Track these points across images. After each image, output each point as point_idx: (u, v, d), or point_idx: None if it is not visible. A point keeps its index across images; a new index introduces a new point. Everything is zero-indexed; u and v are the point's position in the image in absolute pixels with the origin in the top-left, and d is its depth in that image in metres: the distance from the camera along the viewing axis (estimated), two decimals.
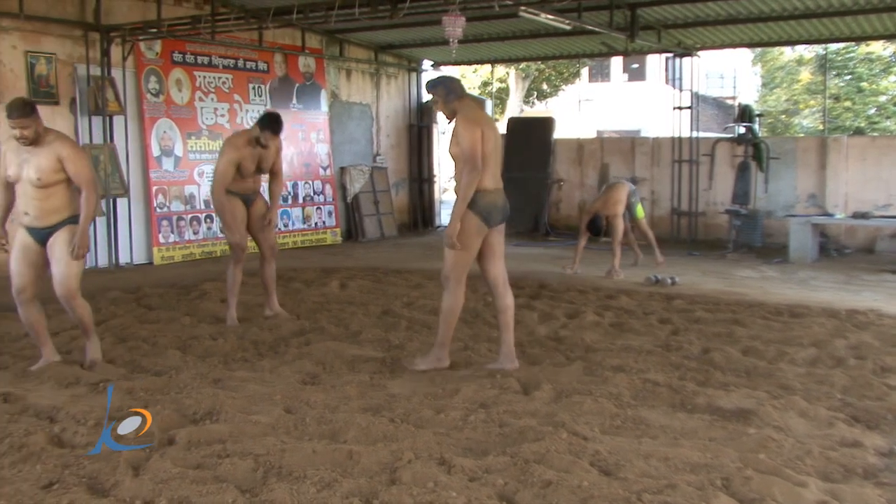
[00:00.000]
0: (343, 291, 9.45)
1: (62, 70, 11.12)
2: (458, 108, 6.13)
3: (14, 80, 10.60)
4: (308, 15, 9.67)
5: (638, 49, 14.39)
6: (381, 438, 4.51)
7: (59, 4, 11.07)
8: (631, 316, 8.10)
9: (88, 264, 11.24)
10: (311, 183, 14.39)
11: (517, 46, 15.78)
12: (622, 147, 15.83)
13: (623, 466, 4.10)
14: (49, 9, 10.93)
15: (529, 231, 15.69)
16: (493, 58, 18.33)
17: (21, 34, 10.67)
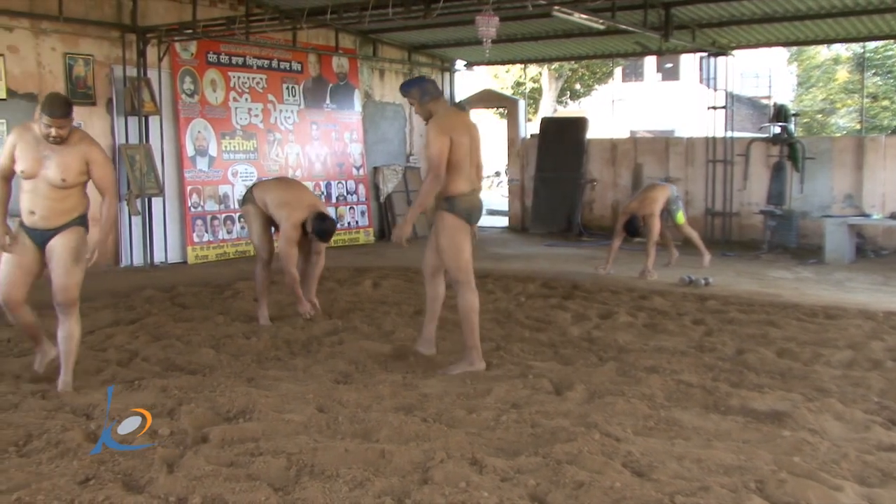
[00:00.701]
0: (376, 291, 9.48)
1: (99, 71, 11.25)
2: (433, 110, 6.21)
3: (53, 81, 10.74)
4: (342, 15, 9.70)
5: (672, 48, 14.30)
6: (414, 438, 4.52)
7: (97, 7, 11.20)
8: (664, 317, 8.06)
9: (123, 263, 11.38)
10: (343, 183, 14.44)
11: (550, 46, 15.74)
12: (656, 147, 15.73)
13: (656, 468, 4.08)
14: (87, 11, 11.06)
15: (562, 231, 15.64)
16: (526, 58, 18.29)
17: (60, 36, 10.81)
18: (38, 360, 6.03)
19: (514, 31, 13.79)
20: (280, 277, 8.47)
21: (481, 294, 9.05)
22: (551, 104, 27.95)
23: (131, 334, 7.27)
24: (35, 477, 3.97)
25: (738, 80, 28.28)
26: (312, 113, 13.98)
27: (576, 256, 12.68)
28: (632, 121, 33.40)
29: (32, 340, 6.04)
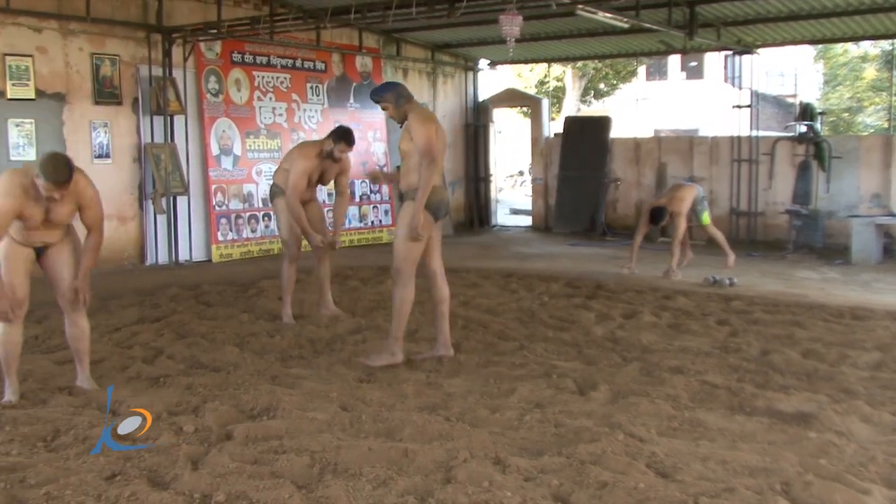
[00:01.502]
0: None
1: (125, 71, 11.33)
2: (408, 110, 6.37)
3: (80, 81, 10.83)
4: (365, 15, 9.72)
5: (697, 47, 14.23)
6: (437, 437, 4.52)
7: (124, 7, 11.28)
8: (689, 317, 8.02)
9: (149, 261, 11.47)
10: (367, 181, 14.46)
11: (574, 45, 15.70)
12: (680, 146, 15.64)
13: (680, 469, 4.06)
14: (114, 12, 11.15)
15: (586, 231, 15.60)
16: (550, 56, 18.25)
17: (87, 37, 10.90)
18: (9, 391, 5.43)
19: (537, 29, 13.76)
20: (304, 277, 8.52)
21: (504, 293, 9.11)
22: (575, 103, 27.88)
23: (156, 332, 7.32)
24: (63, 472, 4.01)
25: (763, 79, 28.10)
26: (336, 112, 14.00)
27: (599, 256, 12.64)
28: (656, 120, 33.27)
29: (7, 369, 5.42)
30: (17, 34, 10.22)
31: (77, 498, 3.72)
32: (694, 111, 33.39)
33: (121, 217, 11.37)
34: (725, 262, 10.83)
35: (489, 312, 8.16)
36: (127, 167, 11.42)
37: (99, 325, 7.65)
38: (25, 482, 3.92)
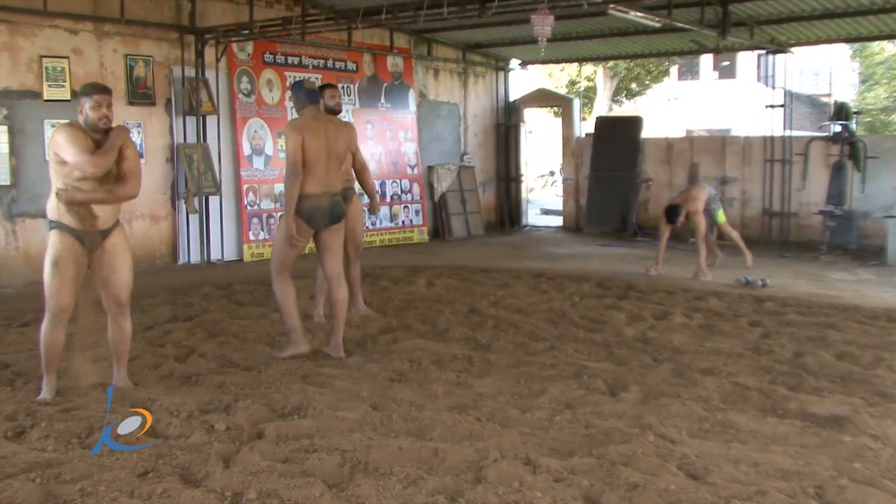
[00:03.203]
0: (430, 290, 9.50)
1: (159, 72, 11.42)
2: (300, 114, 6.56)
3: (115, 81, 10.92)
4: (397, 15, 9.73)
5: (729, 46, 14.12)
6: (467, 437, 4.53)
7: (157, 9, 11.37)
8: (720, 318, 7.96)
9: (181, 260, 11.56)
10: (398, 181, 14.50)
11: (605, 45, 15.64)
12: (712, 146, 15.53)
13: (711, 471, 4.04)
14: (147, 13, 11.25)
15: (617, 231, 15.54)
16: (581, 56, 18.18)
17: (121, 38, 11.00)
18: (46, 389, 5.49)
19: (568, 29, 13.72)
20: None
21: (535, 294, 9.10)
22: (606, 103, 27.78)
23: (188, 331, 7.38)
24: (97, 468, 4.06)
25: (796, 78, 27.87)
26: (367, 112, 14.05)
27: (630, 256, 12.58)
28: (688, 120, 33.05)
29: (48, 367, 5.50)
30: (54, 36, 10.34)
31: (110, 494, 3.76)
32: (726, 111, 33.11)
33: (154, 216, 11.47)
34: (743, 262, 10.77)
35: (520, 313, 8.15)
36: (160, 167, 11.51)
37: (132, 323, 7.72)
38: (60, 478, 3.98)
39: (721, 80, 36.13)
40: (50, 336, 5.42)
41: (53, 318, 5.39)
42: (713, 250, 11.01)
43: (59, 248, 5.31)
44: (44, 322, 5.44)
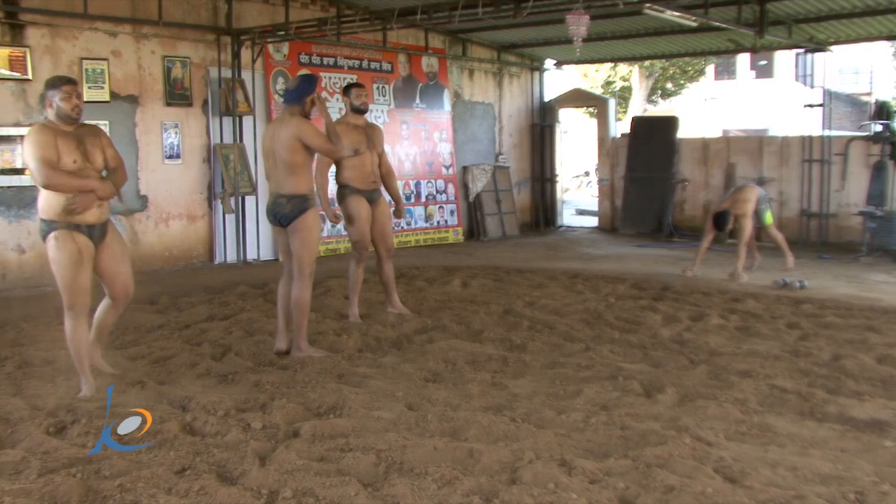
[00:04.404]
0: (465, 290, 9.50)
1: (196, 73, 11.53)
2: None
3: (152, 83, 11.05)
4: (432, 15, 9.75)
5: (767, 45, 13.99)
6: (502, 438, 4.53)
7: (194, 11, 11.48)
8: (757, 320, 7.89)
9: (218, 259, 11.65)
10: (433, 182, 14.51)
11: (641, 44, 15.56)
12: (749, 146, 15.38)
13: (748, 474, 4.00)
14: (185, 15, 11.36)
15: (653, 232, 15.45)
16: (617, 56, 18.11)
17: (159, 40, 11.12)
18: (85, 386, 5.57)
19: (604, 29, 13.67)
20: (369, 276, 8.58)
21: (570, 294, 9.08)
22: (641, 103, 27.64)
23: (225, 330, 7.44)
24: (135, 465, 4.11)
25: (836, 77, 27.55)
26: (402, 112, 14.09)
27: (666, 257, 12.50)
28: (724, 120, 32.80)
29: (80, 364, 5.58)
30: (94, 39, 10.47)
31: (149, 490, 3.80)
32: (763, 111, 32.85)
33: (190, 216, 11.57)
34: (784, 263, 10.66)
35: (555, 313, 8.13)
36: (197, 167, 11.62)
37: (169, 322, 7.83)
38: (100, 473, 4.03)
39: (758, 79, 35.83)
40: (76, 333, 5.53)
41: (75, 314, 5.49)
42: (753, 253, 10.91)
43: (70, 245, 5.39)
44: (66, 321, 5.54)
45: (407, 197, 13.81)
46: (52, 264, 5.46)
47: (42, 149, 5.24)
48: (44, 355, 6.42)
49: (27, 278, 9.77)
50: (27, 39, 9.90)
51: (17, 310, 8.38)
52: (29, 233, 9.62)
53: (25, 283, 9.74)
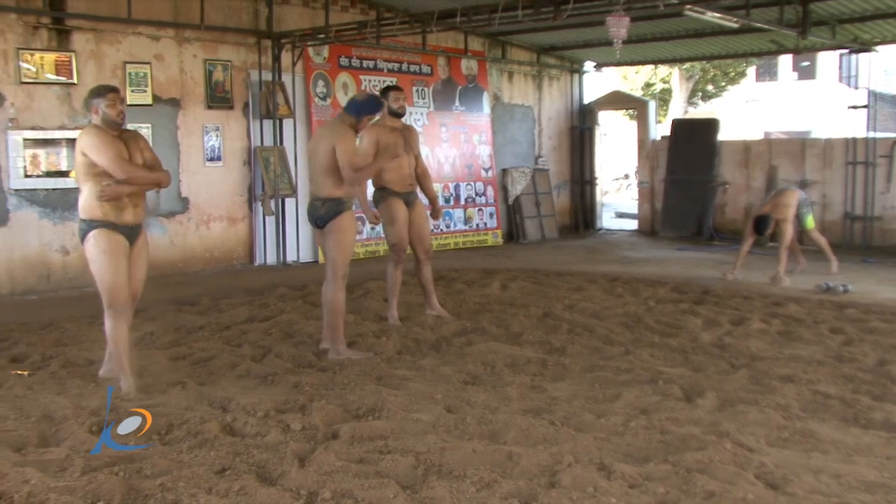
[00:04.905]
0: (504, 293, 9.49)
1: (236, 76, 11.63)
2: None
3: (194, 86, 11.16)
4: (471, 18, 9.75)
5: (810, 46, 13.82)
6: (541, 441, 4.51)
7: (235, 15, 11.58)
8: (800, 324, 7.79)
9: (258, 261, 11.74)
10: (472, 184, 14.51)
11: (681, 46, 15.45)
12: (791, 148, 15.20)
13: (791, 481, 3.95)
14: (226, 19, 11.46)
15: (693, 235, 15.33)
16: (657, 58, 18.00)
17: (201, 44, 11.23)
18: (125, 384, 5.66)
19: (644, 31, 13.59)
20: (408, 279, 8.59)
21: (610, 297, 9.03)
22: (682, 105, 27.45)
23: (265, 331, 7.49)
24: (176, 465, 4.15)
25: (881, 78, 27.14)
26: (442, 115, 14.10)
27: (707, 261, 12.40)
28: (766, 122, 32.45)
29: (120, 362, 5.71)
30: (137, 43, 10.60)
31: (189, 490, 3.84)
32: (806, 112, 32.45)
33: (231, 218, 11.67)
34: (829, 268, 10.52)
35: (594, 316, 8.09)
36: (237, 170, 11.71)
37: (210, 323, 7.90)
38: (142, 472, 4.08)
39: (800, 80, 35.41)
40: (117, 331, 5.64)
41: (116, 313, 5.62)
42: (797, 256, 10.77)
43: (110, 243, 5.54)
44: (107, 320, 5.65)
45: (446, 199, 13.82)
46: (92, 263, 5.60)
47: (110, 146, 5.50)
48: (87, 355, 6.50)
49: (71, 279, 9.91)
50: (73, 44, 10.05)
51: (62, 310, 8.50)
52: (73, 234, 9.74)
53: (69, 283, 9.88)
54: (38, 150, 9.73)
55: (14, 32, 9.60)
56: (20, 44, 9.64)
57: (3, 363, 6.40)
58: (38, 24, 9.79)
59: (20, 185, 9.64)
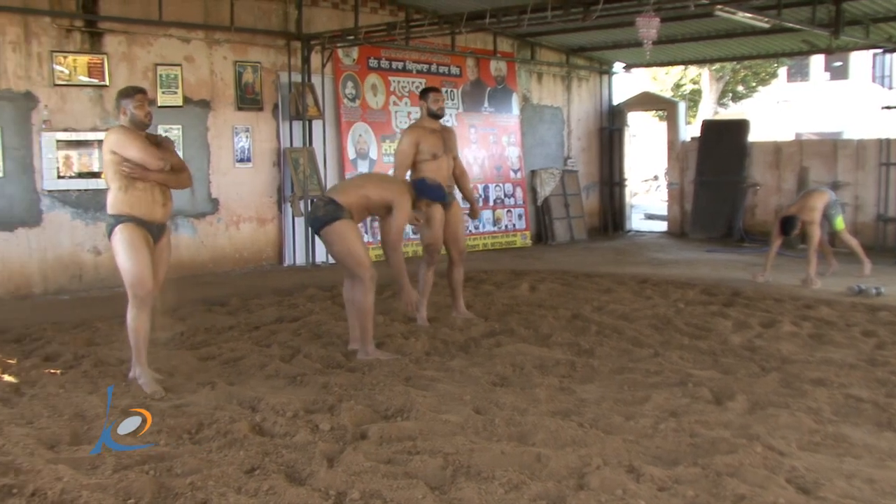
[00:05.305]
0: (533, 294, 9.47)
1: (266, 78, 11.69)
2: None
3: (224, 88, 11.24)
4: (500, 19, 9.74)
5: (843, 46, 13.68)
6: (570, 443, 4.50)
7: (265, 17, 11.64)
8: (831, 327, 7.71)
9: (287, 262, 11.79)
10: (501, 186, 14.51)
11: (711, 46, 15.34)
12: (823, 150, 15.06)
13: (822, 485, 3.91)
14: (256, 21, 11.52)
15: (723, 236, 15.22)
16: (687, 59, 17.90)
17: (231, 45, 11.30)
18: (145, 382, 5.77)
19: (674, 31, 13.52)
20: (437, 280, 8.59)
21: (639, 299, 9.00)
22: (711, 106, 27.28)
23: (294, 332, 7.53)
24: (206, 464, 4.18)
25: None
26: (471, 116, 14.10)
27: (737, 263, 12.31)
28: (797, 123, 32.19)
29: (139, 352, 5.84)
30: (168, 45, 10.69)
31: (219, 489, 3.86)
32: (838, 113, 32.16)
33: (260, 219, 11.74)
34: (861, 270, 10.41)
35: (623, 318, 8.06)
36: (267, 171, 11.78)
37: (239, 323, 7.95)
38: (172, 471, 4.11)
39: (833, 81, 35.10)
40: (138, 322, 5.75)
41: (140, 303, 5.72)
42: (828, 259, 10.66)
43: (135, 236, 5.68)
44: (130, 311, 5.75)
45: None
46: (117, 255, 5.72)
47: (140, 143, 5.63)
48: (118, 354, 6.55)
49: (102, 279, 10.00)
50: (105, 47, 10.15)
51: (93, 310, 8.58)
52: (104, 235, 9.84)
53: (101, 283, 9.97)
54: (70, 152, 9.84)
55: (48, 35, 9.71)
56: (54, 46, 9.75)
57: (36, 362, 6.47)
58: (72, 26, 9.90)
59: (53, 185, 9.75)
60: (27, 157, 9.60)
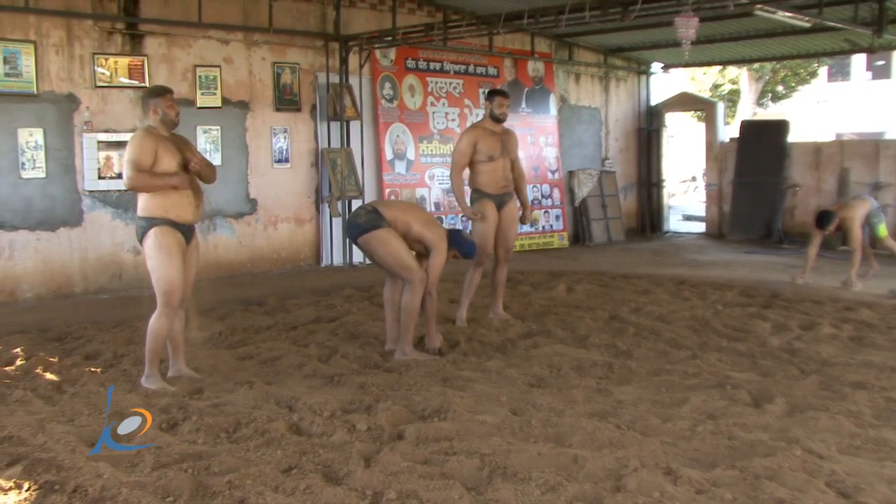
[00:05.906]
0: (570, 295, 9.45)
1: (304, 79, 11.76)
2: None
3: (262, 89, 11.32)
4: (538, 19, 9.73)
5: (885, 45, 13.49)
6: (607, 444, 4.48)
7: (303, 18, 11.72)
8: (872, 330, 7.62)
9: (324, 262, 11.85)
10: (539, 186, 14.48)
11: (750, 46, 15.21)
12: (864, 150, 14.86)
13: (863, 490, 3.87)
14: (294, 22, 11.60)
15: (761, 238, 15.08)
16: (725, 59, 17.76)
17: (269, 47, 11.38)
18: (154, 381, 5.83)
19: (712, 31, 13.41)
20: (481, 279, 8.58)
21: (677, 301, 8.95)
22: (750, 106, 27.04)
23: (331, 332, 7.56)
24: (243, 462, 4.21)
25: None
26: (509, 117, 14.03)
27: (776, 264, 12.19)
28: (838, 123, 31.79)
29: (175, 351, 6.06)
30: (207, 46, 10.79)
31: (256, 488, 3.89)
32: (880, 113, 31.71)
33: (298, 219, 11.81)
34: None
35: (661, 320, 8.01)
36: (305, 171, 11.85)
37: (277, 323, 8.00)
38: (210, 470, 4.14)
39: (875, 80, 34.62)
40: (166, 328, 5.81)
41: (169, 311, 5.77)
42: (869, 261, 10.51)
43: (170, 240, 5.70)
44: (158, 315, 5.78)
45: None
46: (150, 259, 5.74)
47: (139, 151, 5.61)
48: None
49: (142, 279, 10.01)
50: (145, 49, 10.27)
51: (133, 309, 8.66)
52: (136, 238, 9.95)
53: (140, 283, 10.03)
54: (111, 153, 9.96)
55: (90, 38, 9.84)
56: (95, 49, 9.88)
57: (77, 360, 6.57)
58: (113, 29, 10.03)
59: (94, 186, 9.88)
60: (69, 157, 9.74)
